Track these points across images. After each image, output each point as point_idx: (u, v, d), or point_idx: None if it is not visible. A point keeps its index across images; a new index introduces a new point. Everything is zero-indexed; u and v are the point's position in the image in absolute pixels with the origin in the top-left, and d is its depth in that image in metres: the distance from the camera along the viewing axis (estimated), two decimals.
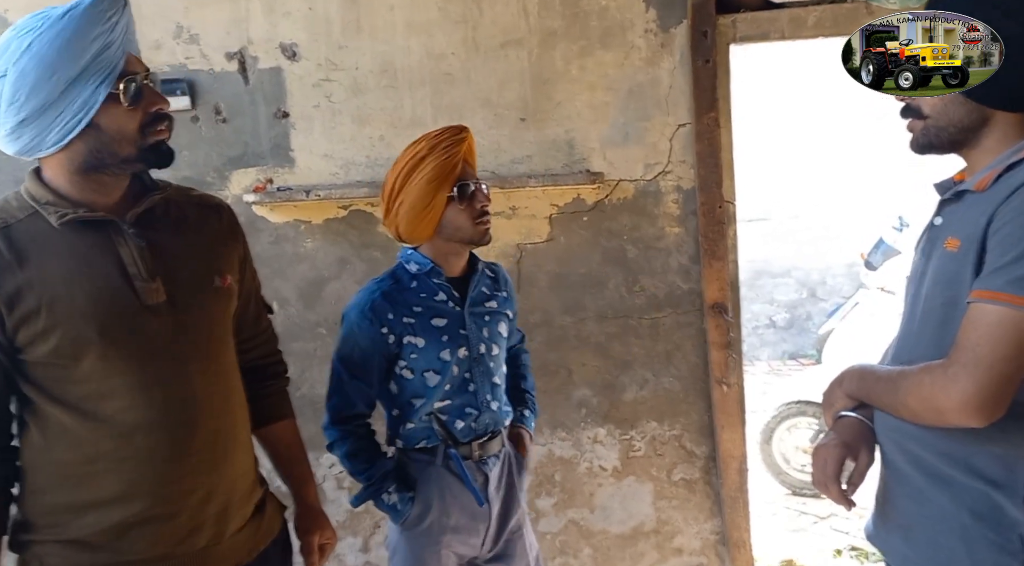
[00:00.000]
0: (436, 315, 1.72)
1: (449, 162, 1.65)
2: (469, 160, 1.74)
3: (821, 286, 6.93)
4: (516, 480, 1.83)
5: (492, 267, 1.91)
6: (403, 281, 1.74)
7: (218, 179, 2.50)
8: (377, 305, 1.69)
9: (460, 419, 1.73)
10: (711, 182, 2.49)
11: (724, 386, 2.56)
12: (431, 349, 1.70)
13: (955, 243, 1.10)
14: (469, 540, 1.77)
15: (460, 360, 1.72)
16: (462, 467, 1.72)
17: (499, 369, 1.81)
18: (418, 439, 1.74)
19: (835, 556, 3.32)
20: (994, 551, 1.08)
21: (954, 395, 1.02)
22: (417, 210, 1.66)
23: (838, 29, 2.42)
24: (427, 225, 1.68)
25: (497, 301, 1.82)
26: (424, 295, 1.73)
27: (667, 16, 2.45)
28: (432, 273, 1.74)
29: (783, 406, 3.98)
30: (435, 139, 1.67)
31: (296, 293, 2.55)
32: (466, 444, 1.74)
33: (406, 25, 2.45)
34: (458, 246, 1.75)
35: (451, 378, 1.71)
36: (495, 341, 1.79)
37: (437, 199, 1.66)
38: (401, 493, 1.72)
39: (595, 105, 2.49)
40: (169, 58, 2.44)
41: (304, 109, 2.48)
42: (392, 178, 1.69)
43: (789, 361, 6.92)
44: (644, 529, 2.68)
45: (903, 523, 1.21)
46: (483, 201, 1.71)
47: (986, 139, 1.14)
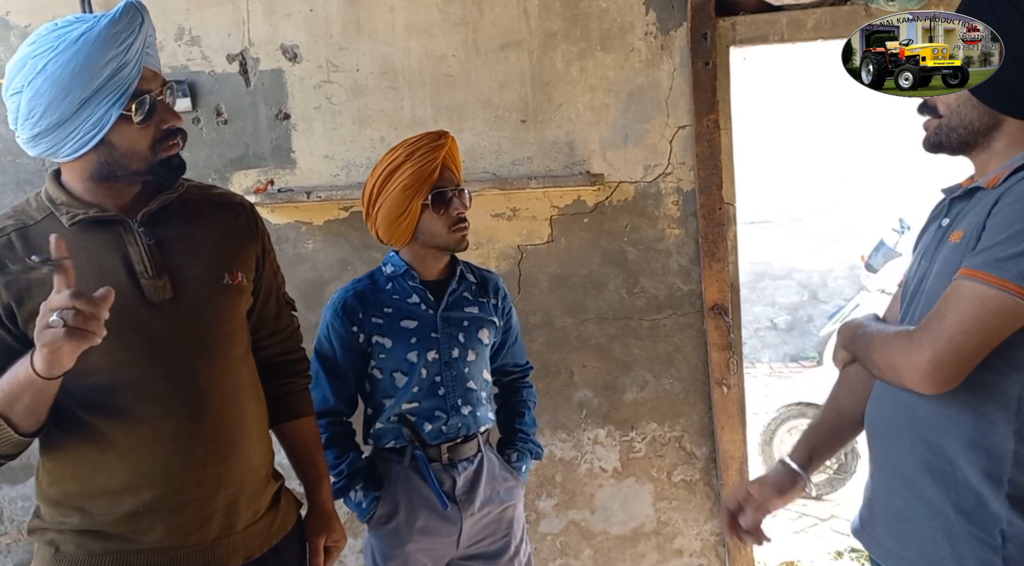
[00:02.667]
0: (406, 317, 1.73)
1: (425, 169, 1.65)
2: (450, 165, 1.74)
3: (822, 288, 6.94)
4: (496, 484, 1.81)
5: (483, 274, 1.89)
6: (379, 282, 1.78)
7: (219, 180, 2.50)
8: (348, 304, 1.73)
9: (429, 422, 1.73)
10: (711, 184, 2.49)
11: (724, 387, 2.56)
12: (398, 350, 1.71)
13: (958, 235, 1.12)
14: (439, 542, 1.76)
15: (429, 362, 1.72)
16: (428, 469, 1.72)
17: (477, 375, 1.80)
18: (387, 439, 1.76)
19: (835, 558, 3.32)
20: (976, 546, 1.08)
21: (913, 359, 1.07)
22: (393, 216, 1.68)
23: (837, 31, 2.42)
24: (404, 230, 1.70)
25: (479, 307, 1.81)
26: (397, 297, 1.75)
27: (667, 18, 2.46)
28: (406, 275, 1.75)
29: (784, 408, 3.99)
30: (412, 146, 1.67)
31: (297, 294, 2.54)
32: (434, 447, 1.74)
33: (406, 27, 2.46)
34: (435, 251, 1.76)
35: (419, 380, 1.72)
36: (472, 346, 1.77)
37: (412, 206, 1.67)
38: (367, 492, 1.74)
39: (595, 107, 2.49)
40: (170, 59, 2.45)
41: (305, 110, 2.49)
42: (370, 184, 1.71)
43: (790, 363, 6.92)
44: (644, 530, 2.68)
45: (890, 518, 1.21)
46: (459, 208, 1.71)
47: (995, 143, 1.16)
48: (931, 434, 1.13)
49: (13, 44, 2.42)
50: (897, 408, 1.19)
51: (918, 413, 1.15)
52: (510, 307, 1.91)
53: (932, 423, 1.13)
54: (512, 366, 1.96)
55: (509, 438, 1.92)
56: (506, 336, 1.90)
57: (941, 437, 1.12)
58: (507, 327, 1.89)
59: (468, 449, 1.78)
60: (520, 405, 1.95)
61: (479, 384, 1.80)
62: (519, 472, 1.86)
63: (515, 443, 1.89)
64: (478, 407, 1.80)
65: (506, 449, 1.89)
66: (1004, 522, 1.07)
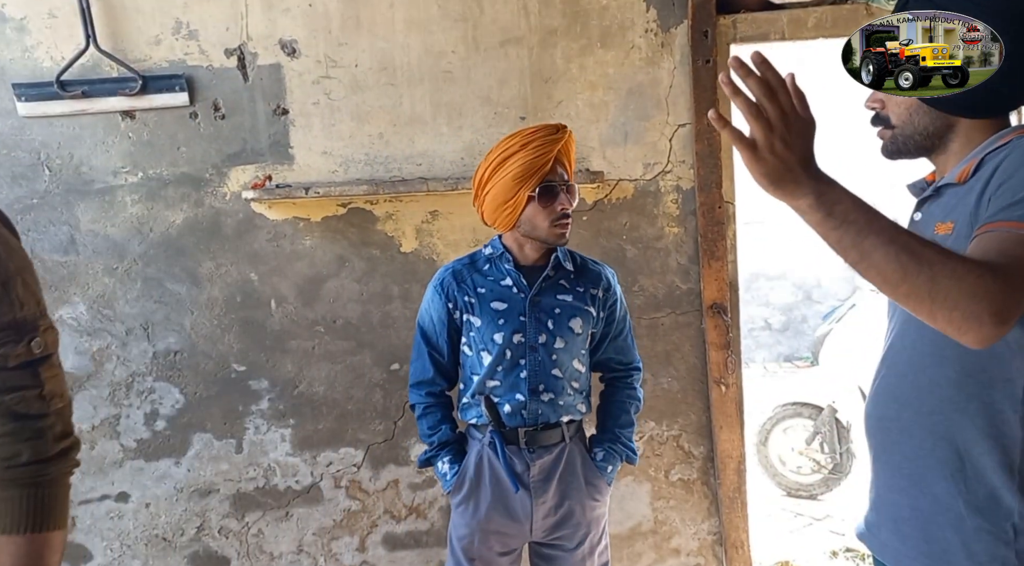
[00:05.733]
0: (497, 298, 1.78)
1: (538, 161, 1.68)
2: (563, 160, 1.75)
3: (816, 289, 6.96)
4: (577, 480, 1.81)
5: (587, 263, 1.88)
6: (478, 262, 1.85)
7: (216, 176, 2.49)
8: (446, 281, 1.82)
9: (508, 404, 1.77)
10: (711, 182, 2.49)
11: (722, 386, 2.56)
12: (486, 329, 1.76)
13: (947, 226, 1.13)
14: (510, 526, 1.79)
15: (514, 345, 1.76)
16: (502, 450, 1.76)
17: (566, 363, 1.79)
18: (472, 414, 1.83)
19: (831, 557, 3.32)
20: (988, 541, 1.08)
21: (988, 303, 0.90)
22: (499, 202, 1.72)
23: (838, 30, 2.42)
24: (508, 217, 1.75)
25: (574, 295, 1.81)
26: (492, 278, 1.81)
27: (667, 16, 2.45)
28: (503, 258, 1.81)
29: (779, 408, 3.99)
30: (529, 136, 1.69)
31: (294, 291, 2.54)
32: (512, 429, 1.77)
33: (406, 22, 2.45)
34: (534, 241, 1.79)
35: (502, 361, 1.76)
36: (560, 334, 1.78)
37: (519, 196, 1.70)
38: (453, 464, 1.81)
39: (595, 104, 2.49)
40: (168, 54, 2.43)
41: (303, 106, 2.47)
42: (483, 168, 1.75)
43: (784, 363, 6.94)
44: (642, 529, 2.67)
45: (896, 517, 1.21)
46: (564, 204, 1.73)
47: (952, 143, 1.19)
48: (940, 428, 1.13)
49: (9, 37, 2.39)
50: (901, 405, 1.19)
51: (924, 408, 1.14)
52: (615, 300, 1.89)
53: (941, 417, 1.12)
54: (616, 363, 1.94)
55: (601, 436, 1.90)
56: (608, 329, 1.89)
57: (951, 431, 1.11)
58: (609, 320, 1.88)
59: (548, 437, 1.79)
60: (618, 405, 1.92)
61: (567, 373, 1.80)
62: (603, 472, 1.84)
63: (604, 442, 1.88)
64: (562, 396, 1.79)
65: (595, 447, 1.88)
66: (1016, 515, 1.07)
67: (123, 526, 2.60)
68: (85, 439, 2.55)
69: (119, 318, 2.52)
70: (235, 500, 2.61)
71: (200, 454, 2.58)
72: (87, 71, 2.41)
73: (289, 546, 2.64)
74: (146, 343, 2.53)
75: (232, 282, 2.53)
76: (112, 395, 2.55)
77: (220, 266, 2.52)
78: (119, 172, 2.47)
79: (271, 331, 2.55)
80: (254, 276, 2.53)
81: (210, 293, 2.53)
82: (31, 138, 2.44)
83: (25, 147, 2.44)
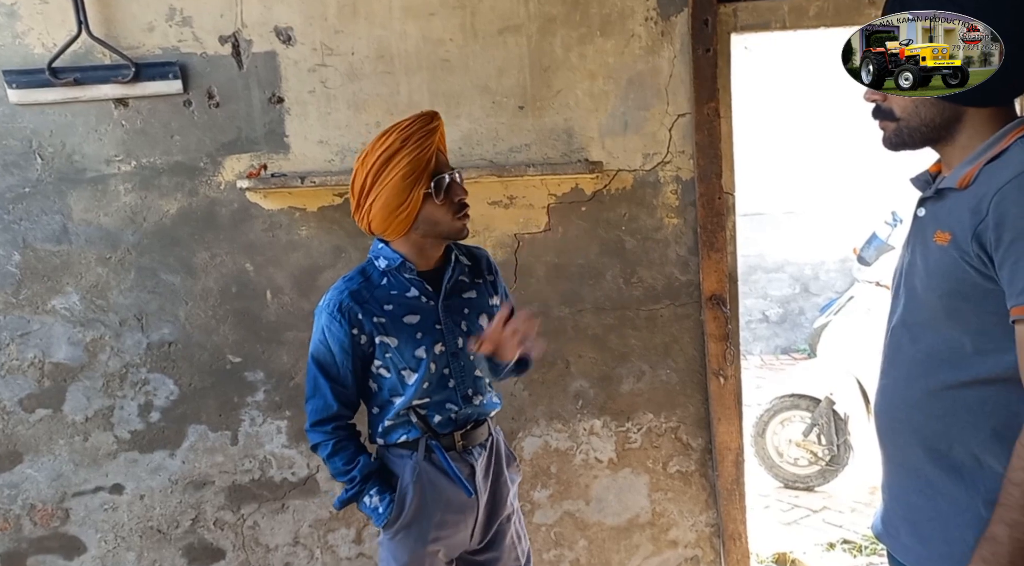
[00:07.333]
0: (408, 312, 1.66)
1: (423, 155, 1.57)
2: (442, 148, 1.66)
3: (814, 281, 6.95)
4: (505, 469, 1.80)
5: (471, 252, 1.83)
6: (373, 278, 1.68)
7: (211, 165, 2.46)
8: (345, 306, 1.63)
9: (439, 413, 1.69)
10: (710, 173, 2.47)
11: (721, 378, 2.55)
12: (406, 347, 1.65)
13: (945, 236, 1.11)
14: (457, 534, 1.74)
15: (437, 356, 1.67)
16: (446, 459, 1.68)
17: (482, 362, 1.76)
18: (398, 434, 1.71)
19: (827, 549, 3.32)
20: None
21: None
22: (391, 208, 1.58)
23: (839, 19, 2.40)
24: (403, 222, 1.61)
25: (476, 290, 1.76)
26: (395, 292, 1.67)
27: (668, 4, 2.42)
28: (402, 268, 1.67)
29: (776, 400, 3.99)
30: (406, 130, 1.57)
31: (290, 281, 2.52)
32: (447, 435, 1.71)
33: (403, 10, 2.42)
34: (435, 240, 1.68)
35: (429, 375, 1.66)
36: (474, 333, 1.72)
37: (413, 196, 1.58)
38: (383, 495, 1.68)
39: (594, 93, 2.46)
40: (161, 41, 2.40)
41: (299, 94, 2.44)
42: (363, 173, 1.59)
43: (782, 355, 6.95)
44: (639, 521, 2.67)
45: (914, 519, 1.20)
46: (460, 194, 1.64)
47: (960, 135, 1.16)
48: (952, 431, 1.12)
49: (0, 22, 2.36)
50: (911, 406, 1.18)
51: (935, 412, 1.13)
52: (499, 278, 1.85)
53: (952, 419, 1.11)
54: None
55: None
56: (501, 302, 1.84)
57: (964, 433, 1.10)
58: (503, 302, 1.83)
59: (480, 434, 1.76)
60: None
61: (484, 371, 1.78)
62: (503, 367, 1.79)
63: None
64: (486, 394, 1.77)
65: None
66: None
67: (117, 518, 2.59)
68: (79, 430, 2.53)
69: (113, 308, 2.49)
70: (230, 492, 2.59)
71: (195, 446, 2.56)
72: (79, 58, 2.37)
73: (285, 538, 2.62)
74: (140, 334, 2.51)
75: (227, 272, 2.50)
76: (106, 386, 2.52)
77: (215, 256, 2.49)
78: (112, 161, 2.44)
79: (267, 322, 2.53)
80: (249, 266, 2.50)
81: (205, 283, 2.50)
82: (22, 126, 2.40)
83: (16, 135, 2.41)
